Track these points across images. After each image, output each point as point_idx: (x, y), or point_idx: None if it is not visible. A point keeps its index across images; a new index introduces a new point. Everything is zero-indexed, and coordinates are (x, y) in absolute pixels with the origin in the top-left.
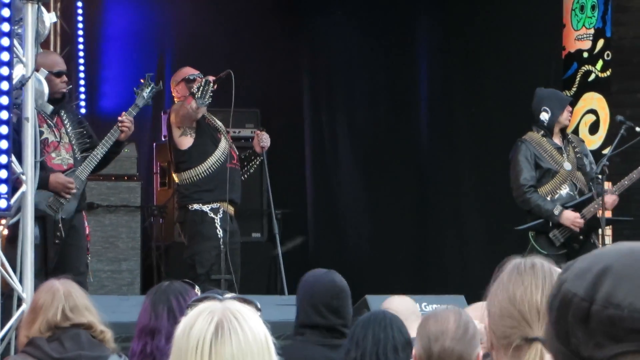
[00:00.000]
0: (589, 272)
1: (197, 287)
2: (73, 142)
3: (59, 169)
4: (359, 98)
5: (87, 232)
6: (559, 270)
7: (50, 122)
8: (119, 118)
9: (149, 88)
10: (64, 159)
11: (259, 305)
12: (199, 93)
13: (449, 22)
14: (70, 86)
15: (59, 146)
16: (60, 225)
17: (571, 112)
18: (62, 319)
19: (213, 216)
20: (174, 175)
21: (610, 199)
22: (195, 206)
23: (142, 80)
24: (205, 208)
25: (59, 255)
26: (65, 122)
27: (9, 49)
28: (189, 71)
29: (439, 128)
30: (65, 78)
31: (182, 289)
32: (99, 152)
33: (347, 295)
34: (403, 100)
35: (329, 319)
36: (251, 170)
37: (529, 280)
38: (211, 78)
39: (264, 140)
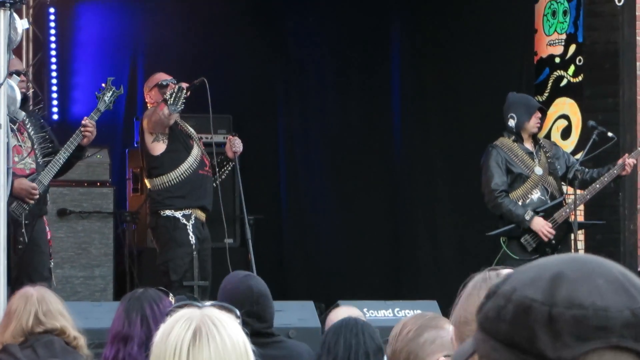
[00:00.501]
0: (540, 280)
1: (171, 295)
2: (35, 147)
3: (22, 173)
4: (332, 104)
5: (48, 237)
6: None
7: (12, 126)
8: (82, 122)
9: (110, 92)
10: (26, 163)
11: (238, 313)
12: (172, 99)
13: (422, 27)
14: (33, 90)
15: (22, 150)
16: (23, 230)
17: (540, 119)
18: (34, 323)
19: (185, 222)
20: (146, 181)
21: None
22: (167, 212)
23: (103, 85)
24: (178, 214)
25: (21, 261)
26: (28, 126)
27: None
28: (161, 77)
29: (412, 133)
30: (23, 78)
31: (156, 297)
32: (62, 156)
33: (266, 298)
34: (376, 105)
35: (252, 325)
36: (223, 176)
37: None
38: (184, 85)
39: (236, 145)
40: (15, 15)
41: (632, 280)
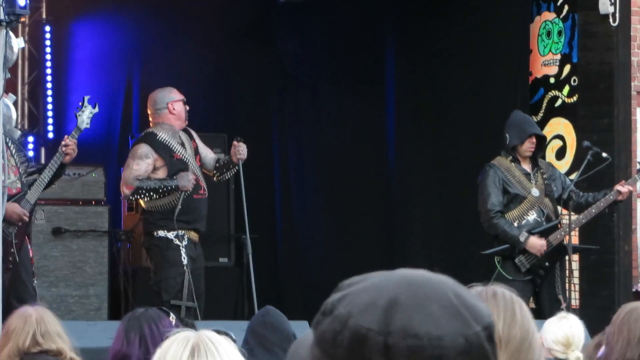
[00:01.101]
0: (375, 306)
1: (172, 315)
2: (19, 165)
3: (9, 192)
4: (327, 122)
5: (30, 254)
6: (520, 299)
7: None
8: (62, 142)
9: (88, 111)
10: (13, 182)
11: (233, 337)
12: (144, 188)
13: (417, 46)
14: (24, 108)
15: (8, 169)
16: (13, 250)
17: (534, 144)
18: (31, 344)
19: (178, 243)
20: (141, 201)
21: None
22: (161, 233)
23: (80, 103)
24: (170, 235)
25: (10, 280)
26: (10, 144)
27: None
28: (179, 93)
29: (406, 153)
30: (6, 95)
31: (155, 317)
32: (46, 175)
33: (279, 313)
34: (370, 124)
35: (266, 335)
36: (227, 177)
37: (490, 309)
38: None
39: (241, 151)
40: (11, 34)
41: (466, 302)
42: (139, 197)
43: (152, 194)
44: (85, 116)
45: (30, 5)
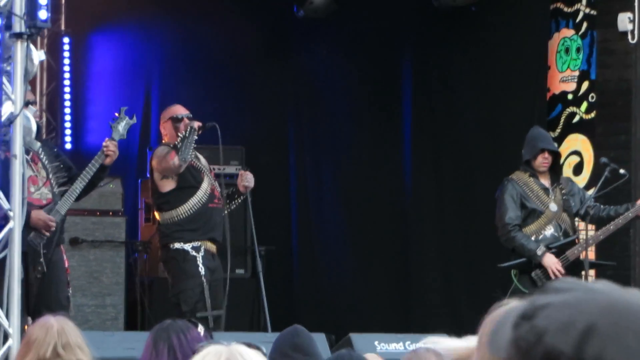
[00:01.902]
0: (572, 328)
1: (200, 326)
2: (50, 176)
3: (39, 203)
4: (343, 137)
5: (66, 265)
6: None
7: (26, 156)
8: (104, 143)
9: (124, 122)
10: (42, 193)
11: (264, 350)
12: (182, 148)
13: (434, 62)
14: (45, 119)
15: (38, 180)
16: (41, 260)
17: (547, 159)
18: (52, 355)
19: (195, 254)
20: (156, 214)
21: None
22: (177, 245)
23: (116, 114)
24: (187, 247)
25: (40, 290)
26: (42, 156)
27: None
28: (177, 110)
29: (423, 168)
30: (36, 107)
31: (184, 327)
32: (78, 186)
33: (308, 334)
34: (387, 139)
35: (296, 357)
36: (232, 207)
37: None
38: (196, 125)
39: (248, 180)
40: (32, 46)
41: None
42: (187, 154)
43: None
44: (121, 127)
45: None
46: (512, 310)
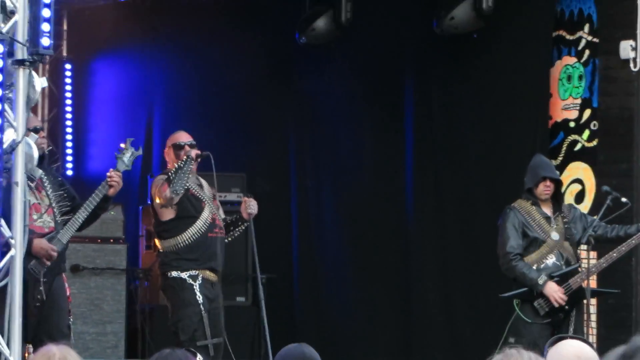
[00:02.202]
0: None
1: (198, 356)
2: (53, 205)
3: (41, 231)
4: (345, 162)
5: (67, 293)
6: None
7: (30, 184)
8: (108, 174)
9: (130, 153)
10: (45, 221)
11: None
12: (175, 178)
13: (436, 89)
14: (51, 147)
15: (40, 208)
16: (41, 288)
17: (549, 187)
18: None
19: (192, 282)
20: (157, 242)
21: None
22: (174, 273)
23: (122, 145)
24: (184, 275)
25: (41, 318)
26: (46, 184)
27: (0, 114)
28: (180, 137)
29: (425, 193)
30: (43, 134)
31: (182, 357)
32: (81, 215)
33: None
34: (389, 163)
35: None
36: (236, 235)
37: None
38: (194, 154)
39: (252, 207)
40: (34, 73)
41: None
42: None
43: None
44: (127, 158)
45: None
46: (611, 353)
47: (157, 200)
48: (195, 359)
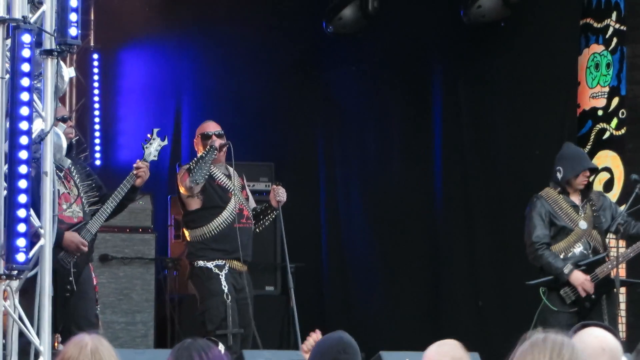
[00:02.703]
0: None
1: (220, 345)
2: (82, 195)
3: (70, 221)
4: (373, 152)
5: (94, 283)
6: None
7: (59, 174)
8: (135, 164)
9: (156, 143)
10: (74, 211)
11: None
12: (196, 168)
13: (464, 78)
14: (78, 137)
15: (70, 198)
16: (71, 278)
17: (588, 177)
18: None
19: (218, 272)
20: (185, 231)
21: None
22: (200, 263)
23: (148, 135)
24: (210, 265)
25: (69, 309)
26: (74, 174)
27: (29, 104)
28: (208, 127)
29: (453, 183)
30: (71, 124)
31: (205, 346)
32: (110, 205)
33: (355, 350)
34: (417, 154)
35: None
36: (266, 224)
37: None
38: (217, 144)
39: (280, 194)
40: (62, 63)
41: None
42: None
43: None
44: (153, 148)
45: None
46: None
47: (181, 190)
48: (217, 348)
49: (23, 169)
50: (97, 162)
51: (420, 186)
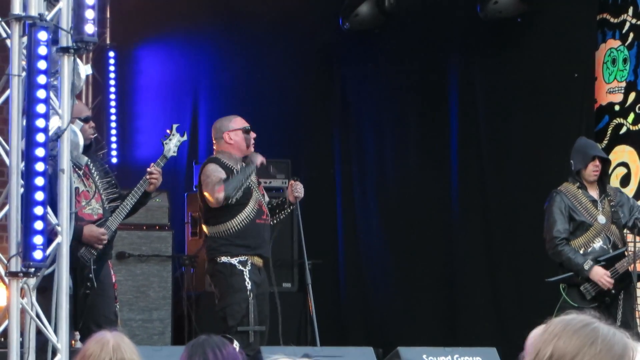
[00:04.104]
0: None
1: (235, 342)
2: (101, 192)
3: (90, 218)
4: (389, 150)
5: (113, 280)
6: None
7: (78, 171)
8: (148, 170)
9: (175, 139)
10: (94, 208)
11: None
12: (234, 182)
13: (480, 74)
14: (95, 134)
15: (89, 196)
16: (91, 275)
17: (598, 167)
18: None
19: (242, 268)
20: (204, 227)
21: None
22: (224, 259)
23: (168, 131)
24: (234, 261)
25: (89, 305)
26: (93, 171)
27: (46, 101)
28: (243, 121)
29: (469, 179)
30: (92, 124)
31: (219, 343)
32: (129, 202)
33: None
34: (433, 151)
35: None
36: (281, 217)
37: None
38: (259, 162)
39: (298, 190)
40: (78, 61)
41: None
42: (234, 192)
43: (241, 186)
44: (173, 144)
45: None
46: None
47: (207, 196)
48: (232, 345)
49: (40, 167)
50: (114, 160)
51: (437, 182)
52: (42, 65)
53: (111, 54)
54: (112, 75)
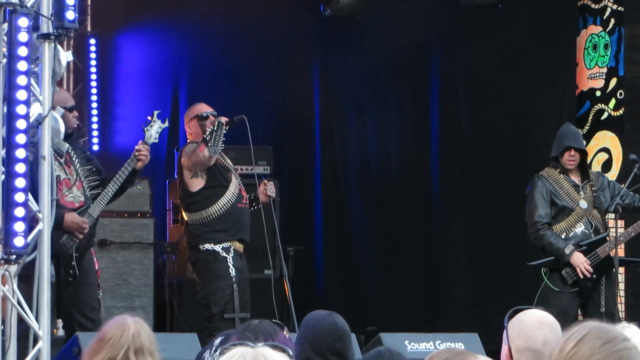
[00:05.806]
0: None
1: (285, 328)
2: (83, 180)
3: (71, 206)
4: (371, 136)
5: (96, 267)
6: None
7: (60, 159)
8: (136, 147)
9: (157, 125)
10: (75, 196)
11: (291, 353)
12: (212, 140)
13: (461, 60)
14: (78, 122)
15: (71, 183)
16: (73, 263)
17: (574, 156)
18: (122, 358)
19: (225, 255)
20: (185, 215)
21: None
22: (207, 246)
23: (149, 118)
24: (217, 247)
25: (72, 293)
26: (74, 159)
27: (27, 88)
28: (202, 108)
29: (450, 165)
30: (76, 113)
31: (270, 330)
32: (111, 189)
33: (349, 336)
34: (414, 137)
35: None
36: (254, 208)
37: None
38: (224, 120)
39: (270, 190)
40: (59, 47)
41: None
42: (213, 147)
43: (217, 138)
44: (154, 131)
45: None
46: None
47: (188, 167)
48: (283, 332)
49: (21, 153)
50: (95, 147)
51: (418, 166)
52: (22, 51)
53: (92, 40)
54: (93, 62)
